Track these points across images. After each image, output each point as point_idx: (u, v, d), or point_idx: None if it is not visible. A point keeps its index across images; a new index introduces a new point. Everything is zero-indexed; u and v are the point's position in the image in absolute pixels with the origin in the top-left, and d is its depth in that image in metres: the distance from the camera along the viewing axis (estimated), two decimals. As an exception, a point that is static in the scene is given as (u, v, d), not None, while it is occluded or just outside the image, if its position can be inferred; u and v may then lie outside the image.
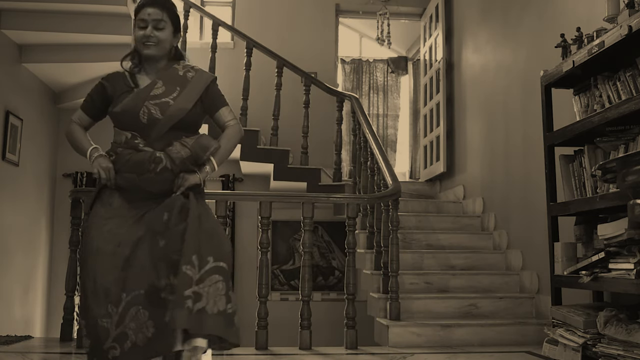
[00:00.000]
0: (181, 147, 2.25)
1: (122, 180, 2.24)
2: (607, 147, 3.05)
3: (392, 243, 4.00)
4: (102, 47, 5.54)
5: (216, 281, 2.06)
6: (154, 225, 2.15)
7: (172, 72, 2.35)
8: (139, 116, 2.25)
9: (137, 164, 2.22)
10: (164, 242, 2.11)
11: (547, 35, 4.12)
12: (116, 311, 2.04)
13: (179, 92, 2.29)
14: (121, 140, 2.30)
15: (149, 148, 2.25)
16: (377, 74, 8.23)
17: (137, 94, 2.29)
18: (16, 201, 5.72)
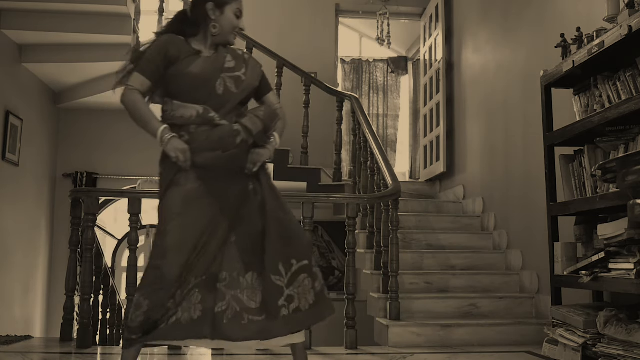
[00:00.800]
0: (255, 118, 2.24)
1: (202, 159, 2.17)
2: (607, 147, 3.05)
3: (392, 243, 4.00)
4: (102, 47, 5.55)
5: (303, 279, 2.18)
6: (229, 217, 2.17)
7: (233, 50, 2.36)
8: (215, 86, 2.22)
9: (220, 140, 2.17)
10: (234, 239, 2.16)
11: (547, 35, 4.12)
12: (180, 293, 2.10)
13: (246, 69, 2.31)
14: (191, 115, 2.19)
15: (225, 121, 2.21)
16: (377, 74, 8.23)
17: (212, 62, 2.25)
18: (16, 201, 5.72)
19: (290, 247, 2.18)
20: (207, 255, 2.14)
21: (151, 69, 2.23)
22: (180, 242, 2.12)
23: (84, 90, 6.34)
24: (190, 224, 2.14)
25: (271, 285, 2.13)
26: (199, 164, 2.17)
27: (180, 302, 2.10)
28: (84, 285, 3.66)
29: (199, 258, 2.13)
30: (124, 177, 6.89)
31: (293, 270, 2.17)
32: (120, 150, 6.94)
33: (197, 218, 2.15)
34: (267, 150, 2.27)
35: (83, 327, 3.58)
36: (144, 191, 5.64)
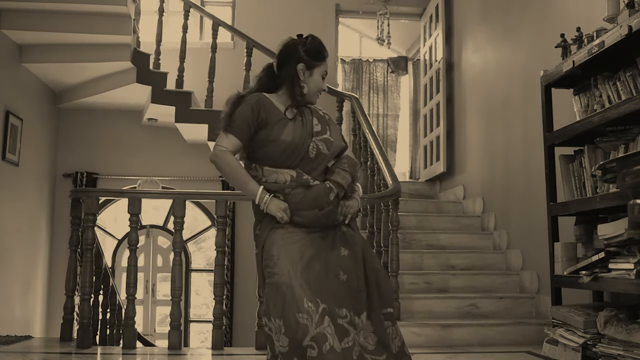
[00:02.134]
0: (343, 172, 2.29)
1: (300, 219, 2.21)
2: (607, 147, 3.05)
3: (392, 243, 4.00)
4: (102, 47, 5.55)
5: (388, 327, 2.19)
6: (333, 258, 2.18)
7: (316, 111, 2.42)
8: (308, 151, 2.26)
9: (315, 200, 2.22)
10: (345, 278, 2.15)
11: (547, 35, 4.12)
12: (315, 311, 2.03)
13: (330, 131, 2.37)
14: (285, 180, 2.23)
15: (317, 182, 2.26)
16: (377, 74, 8.23)
17: (300, 127, 2.28)
18: (16, 201, 5.72)
19: (381, 293, 2.22)
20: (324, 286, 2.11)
21: (244, 130, 2.23)
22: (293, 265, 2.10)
23: (84, 90, 6.34)
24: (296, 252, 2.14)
25: (382, 325, 2.16)
26: (297, 222, 2.22)
27: (320, 323, 2.01)
28: (84, 285, 3.66)
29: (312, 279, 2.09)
30: (124, 177, 6.89)
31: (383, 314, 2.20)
32: (120, 150, 6.94)
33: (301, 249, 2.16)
34: (355, 200, 2.32)
35: (83, 327, 3.58)
36: (144, 191, 5.65)
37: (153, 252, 7.64)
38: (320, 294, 2.07)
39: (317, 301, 2.04)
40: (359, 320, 2.12)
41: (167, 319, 3.75)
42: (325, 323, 2.01)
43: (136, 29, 5.75)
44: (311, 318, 1.99)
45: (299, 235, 2.20)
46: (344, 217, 2.26)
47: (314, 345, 1.96)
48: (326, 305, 2.06)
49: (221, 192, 6.11)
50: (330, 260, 2.17)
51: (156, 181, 6.86)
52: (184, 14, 5.80)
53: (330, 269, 2.15)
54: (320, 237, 2.22)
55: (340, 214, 2.26)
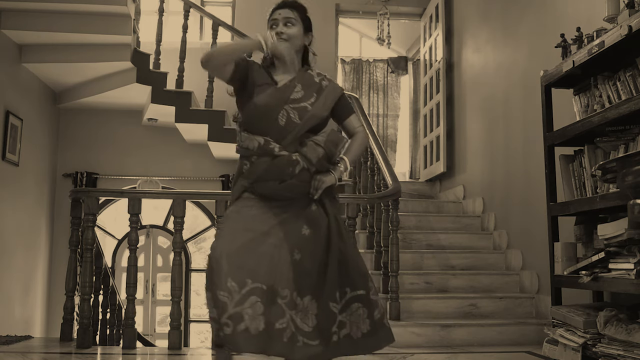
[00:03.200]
0: (316, 146, 2.23)
1: (262, 189, 2.21)
2: (607, 147, 3.05)
3: (392, 243, 4.00)
4: (102, 47, 5.55)
5: (357, 309, 2.19)
6: (290, 237, 2.17)
7: (309, 77, 2.37)
8: (277, 118, 2.22)
9: (277, 171, 2.19)
10: (299, 257, 2.15)
11: (547, 35, 4.12)
12: (237, 290, 2.03)
13: (316, 99, 2.31)
14: (253, 147, 2.23)
15: (285, 152, 2.22)
16: (377, 74, 8.23)
17: (278, 93, 2.26)
18: (16, 201, 5.72)
19: (347, 276, 2.20)
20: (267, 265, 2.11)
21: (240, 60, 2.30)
22: (228, 233, 2.12)
23: (84, 90, 6.34)
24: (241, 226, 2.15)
25: (328, 312, 2.14)
26: (260, 193, 2.21)
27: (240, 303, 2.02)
28: (84, 285, 3.66)
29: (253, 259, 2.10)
30: (124, 177, 6.89)
31: (347, 298, 2.18)
32: (120, 150, 6.94)
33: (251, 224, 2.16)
34: (331, 176, 2.25)
35: (83, 327, 3.58)
36: (144, 191, 5.65)
37: (153, 252, 7.64)
38: (258, 273, 2.07)
39: (245, 280, 2.04)
40: (301, 302, 2.13)
41: (167, 319, 3.75)
42: (247, 304, 2.02)
43: (136, 29, 5.75)
44: (231, 297, 2.01)
45: (260, 209, 2.18)
46: (315, 190, 2.21)
47: (229, 324, 2.00)
48: (263, 285, 2.06)
49: (221, 192, 6.11)
50: (288, 238, 2.16)
51: (156, 181, 6.87)
52: (184, 14, 5.80)
53: (285, 247, 2.15)
54: (284, 212, 2.19)
55: (312, 188, 2.21)
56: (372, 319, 2.20)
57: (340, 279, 2.19)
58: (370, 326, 2.20)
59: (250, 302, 2.04)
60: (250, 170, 2.23)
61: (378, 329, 2.21)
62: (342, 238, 2.24)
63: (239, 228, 2.14)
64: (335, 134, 2.32)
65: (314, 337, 2.12)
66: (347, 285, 2.20)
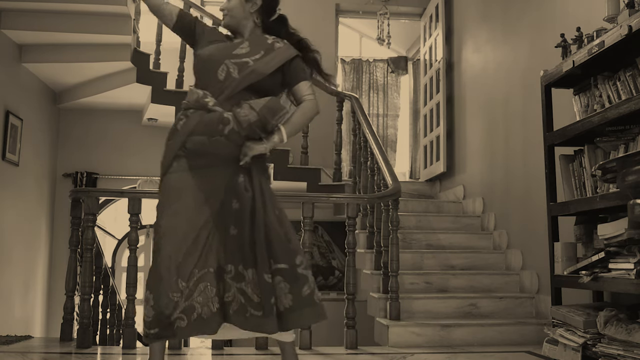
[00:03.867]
0: (249, 110, 2.17)
1: (192, 144, 2.18)
2: (607, 147, 3.05)
3: (392, 243, 4.00)
4: (102, 47, 5.55)
5: (279, 282, 2.15)
6: (224, 210, 2.17)
7: (262, 38, 2.35)
8: (217, 72, 2.21)
9: (207, 126, 2.16)
10: (235, 232, 2.15)
11: (547, 35, 4.12)
12: (186, 286, 2.08)
13: (262, 56, 2.26)
14: (192, 99, 2.23)
15: (218, 108, 2.19)
16: (377, 74, 8.22)
17: (222, 48, 2.27)
18: (16, 201, 5.72)
19: (271, 248, 2.16)
20: (210, 247, 2.14)
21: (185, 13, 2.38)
22: (174, 234, 2.12)
23: (84, 90, 6.34)
24: (183, 216, 2.14)
25: (265, 284, 2.13)
26: (188, 148, 2.18)
27: (189, 296, 2.08)
28: (84, 285, 3.66)
29: (198, 249, 2.12)
30: (124, 177, 6.89)
31: (271, 270, 2.16)
32: (120, 150, 6.94)
33: (189, 209, 2.15)
34: (261, 145, 2.18)
35: (83, 327, 3.58)
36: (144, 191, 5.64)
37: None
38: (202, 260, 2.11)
39: (192, 272, 2.09)
40: (247, 274, 2.14)
41: (167, 319, 3.74)
42: (197, 293, 2.09)
43: (136, 29, 5.75)
44: (183, 294, 2.07)
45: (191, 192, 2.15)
46: (242, 156, 2.17)
47: (184, 317, 2.07)
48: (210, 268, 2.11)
49: (221, 192, 6.11)
50: (222, 215, 2.17)
51: (156, 181, 6.86)
52: (184, 14, 5.79)
53: (221, 224, 2.16)
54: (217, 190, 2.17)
55: (241, 154, 2.17)
56: (296, 294, 2.16)
57: (268, 251, 2.17)
58: (292, 302, 2.15)
59: (199, 290, 2.10)
60: (184, 124, 2.21)
61: (304, 305, 2.17)
62: (265, 210, 2.19)
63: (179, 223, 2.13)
64: (275, 101, 2.22)
65: (259, 308, 2.13)
66: (271, 257, 2.16)
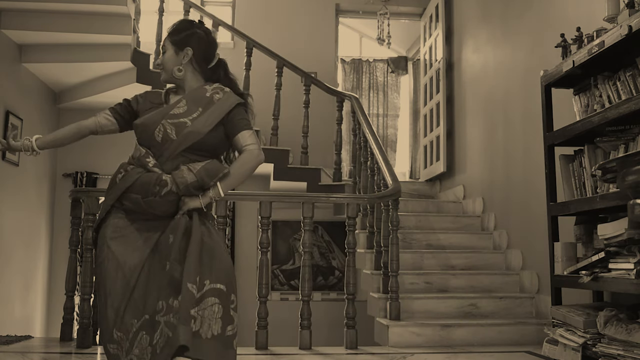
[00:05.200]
0: (187, 172, 2.16)
1: (127, 201, 2.17)
2: (607, 147, 3.05)
3: (392, 243, 4.00)
4: (102, 47, 5.55)
5: (212, 304, 2.03)
6: (160, 249, 2.12)
7: (200, 92, 2.28)
8: (154, 134, 2.20)
9: (143, 186, 2.15)
10: (169, 267, 2.07)
11: (547, 35, 4.12)
12: (126, 338, 2.03)
13: (200, 114, 2.22)
14: (136, 156, 2.23)
15: (157, 169, 2.18)
16: (377, 74, 8.22)
17: (158, 111, 2.25)
18: (16, 201, 5.72)
19: (209, 267, 2.08)
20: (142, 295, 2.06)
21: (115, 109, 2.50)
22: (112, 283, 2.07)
23: (84, 90, 6.34)
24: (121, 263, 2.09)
25: (187, 292, 2.00)
26: (124, 205, 2.18)
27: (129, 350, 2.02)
28: (84, 285, 3.66)
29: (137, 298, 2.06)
30: (124, 177, 6.88)
31: (204, 290, 2.04)
32: (120, 150, 6.88)
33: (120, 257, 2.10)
34: (196, 200, 2.17)
35: (83, 327, 3.58)
36: (144, 191, 5.62)
37: (153, 252, 7.64)
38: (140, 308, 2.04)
39: (131, 322, 2.03)
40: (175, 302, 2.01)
41: (167, 319, 3.74)
42: (135, 345, 2.01)
43: (136, 29, 5.75)
44: (121, 347, 2.02)
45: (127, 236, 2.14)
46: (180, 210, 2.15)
47: None
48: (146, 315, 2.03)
49: (221, 192, 6.11)
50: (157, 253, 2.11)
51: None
52: (184, 14, 5.80)
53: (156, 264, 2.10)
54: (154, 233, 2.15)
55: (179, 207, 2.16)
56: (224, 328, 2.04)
57: (203, 268, 2.07)
58: (221, 330, 2.03)
59: (137, 340, 2.02)
60: (122, 178, 2.20)
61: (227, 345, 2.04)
62: (208, 231, 2.17)
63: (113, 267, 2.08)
64: (215, 164, 2.21)
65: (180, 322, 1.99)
66: (208, 277, 2.06)
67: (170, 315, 2.00)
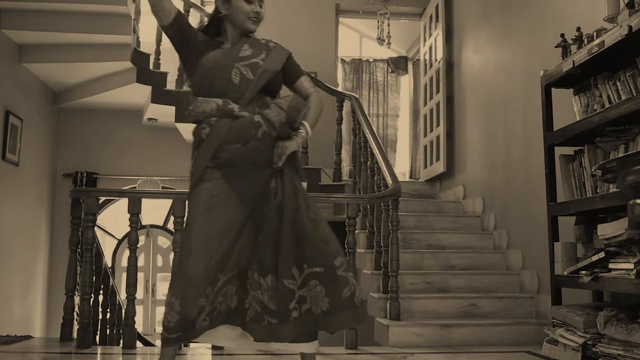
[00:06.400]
0: (278, 110, 2.18)
1: (226, 153, 2.14)
2: (607, 147, 3.05)
3: (392, 243, 4.00)
4: (102, 47, 5.55)
5: (314, 285, 2.13)
6: (253, 218, 2.16)
7: (255, 39, 2.34)
8: (230, 77, 2.19)
9: (240, 132, 2.14)
10: (260, 238, 2.15)
11: (547, 35, 4.12)
12: (212, 290, 2.09)
13: (266, 55, 2.28)
14: (211, 109, 2.18)
15: (245, 112, 2.17)
16: (377, 74, 8.23)
17: (226, 52, 2.25)
18: (16, 201, 5.72)
19: (304, 251, 2.14)
20: (236, 252, 2.14)
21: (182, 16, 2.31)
22: (205, 240, 2.10)
23: (84, 90, 6.34)
24: (214, 222, 2.13)
25: (284, 289, 2.11)
26: (222, 158, 2.15)
27: (214, 300, 2.11)
28: (84, 285, 3.66)
29: (226, 255, 2.12)
30: (124, 177, 6.89)
31: (305, 274, 2.13)
32: (120, 150, 6.94)
33: (221, 216, 2.14)
34: (293, 141, 2.19)
35: (83, 327, 3.58)
36: (144, 191, 5.64)
37: (153, 252, 7.64)
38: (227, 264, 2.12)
39: (217, 277, 2.10)
40: (264, 282, 2.13)
41: (167, 319, 3.74)
42: (220, 296, 2.12)
43: (136, 29, 5.75)
44: (209, 299, 2.09)
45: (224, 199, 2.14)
46: (278, 158, 2.16)
47: (207, 319, 2.10)
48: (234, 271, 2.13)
49: (221, 192, 6.11)
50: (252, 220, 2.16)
51: (156, 181, 6.87)
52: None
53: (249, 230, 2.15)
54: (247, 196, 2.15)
55: (275, 155, 2.16)
56: (334, 297, 2.13)
57: (298, 253, 2.13)
58: (330, 305, 2.12)
59: (222, 292, 2.12)
60: (211, 133, 2.16)
61: (344, 307, 2.14)
62: (299, 210, 2.17)
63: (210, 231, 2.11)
64: (298, 98, 2.27)
65: (276, 316, 2.12)
66: (304, 261, 2.13)
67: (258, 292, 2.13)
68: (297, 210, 2.17)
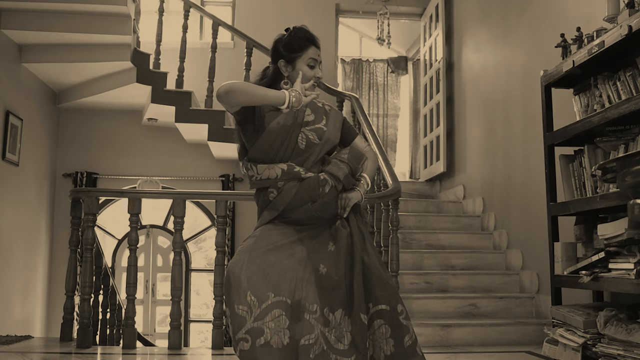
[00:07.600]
0: (339, 163, 2.22)
1: (295, 215, 2.16)
2: (607, 147, 3.05)
3: (392, 243, 4.00)
4: (102, 47, 5.55)
5: (379, 326, 2.09)
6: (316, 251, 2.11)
7: (314, 104, 2.33)
8: (297, 141, 2.20)
9: (309, 192, 2.15)
10: (325, 271, 2.08)
11: (547, 35, 4.12)
12: (258, 306, 1.98)
13: (327, 121, 2.30)
14: (276, 175, 2.17)
15: (311, 173, 2.19)
16: (377, 74, 8.23)
17: (291, 117, 2.22)
18: (16, 201, 5.72)
19: (370, 291, 2.11)
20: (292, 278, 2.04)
21: None
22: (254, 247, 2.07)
23: (84, 90, 6.34)
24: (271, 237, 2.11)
25: (360, 325, 2.04)
26: (293, 219, 2.17)
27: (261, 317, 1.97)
28: (84, 285, 3.66)
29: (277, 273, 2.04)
30: (124, 177, 6.89)
31: (370, 314, 2.09)
32: (120, 150, 6.94)
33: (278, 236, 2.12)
34: (356, 192, 2.22)
35: (83, 327, 3.58)
36: (144, 191, 5.64)
37: (153, 252, 7.64)
38: (281, 287, 2.01)
39: (267, 294, 1.98)
40: (333, 317, 2.03)
41: (167, 319, 3.75)
42: (269, 318, 1.96)
43: (136, 29, 5.75)
44: (251, 311, 1.96)
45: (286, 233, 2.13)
46: (342, 210, 2.17)
47: (248, 339, 1.94)
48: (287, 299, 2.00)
49: (221, 192, 6.12)
50: (313, 253, 2.11)
51: (156, 181, 6.86)
52: (184, 14, 5.80)
53: (310, 262, 2.09)
54: (312, 235, 2.15)
55: (339, 207, 2.18)
56: (398, 341, 2.08)
57: (365, 293, 2.10)
58: (395, 348, 2.07)
59: (272, 315, 1.97)
60: (279, 197, 2.17)
61: (408, 355, 2.08)
62: (365, 250, 2.17)
63: (261, 245, 2.09)
64: (356, 150, 2.30)
65: (349, 354, 2.00)
66: (370, 300, 2.11)
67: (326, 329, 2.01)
68: (363, 248, 2.17)
